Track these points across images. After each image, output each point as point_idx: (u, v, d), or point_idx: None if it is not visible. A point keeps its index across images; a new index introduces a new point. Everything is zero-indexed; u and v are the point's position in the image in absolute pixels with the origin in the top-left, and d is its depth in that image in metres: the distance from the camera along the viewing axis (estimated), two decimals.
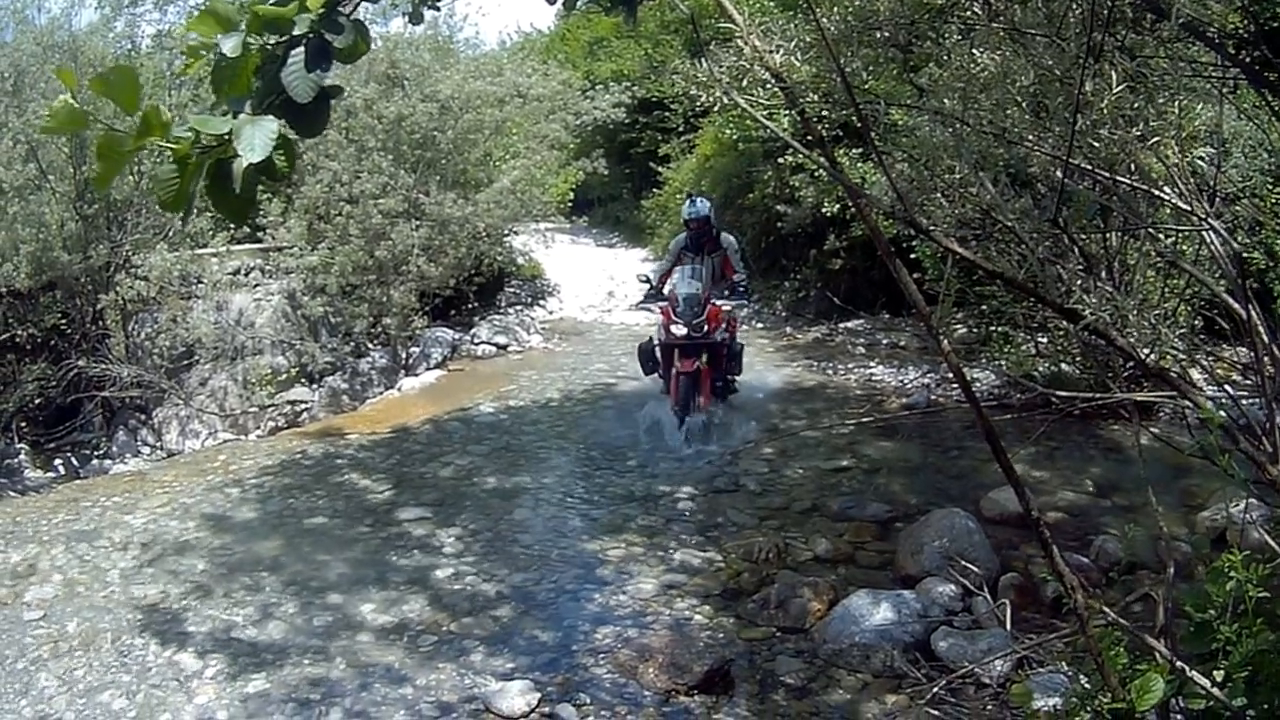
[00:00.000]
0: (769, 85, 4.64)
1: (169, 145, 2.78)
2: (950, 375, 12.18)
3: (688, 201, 12.73)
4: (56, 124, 2.83)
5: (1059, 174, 4.12)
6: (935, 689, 5.20)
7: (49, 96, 15.48)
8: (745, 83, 4.68)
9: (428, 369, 16.17)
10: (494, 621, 7.03)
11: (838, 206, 15.25)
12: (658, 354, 12.14)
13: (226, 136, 2.80)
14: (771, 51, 4.27)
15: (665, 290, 12.20)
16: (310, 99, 2.86)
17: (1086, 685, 3.70)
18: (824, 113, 5.04)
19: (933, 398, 12.32)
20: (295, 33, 2.89)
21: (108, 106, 2.92)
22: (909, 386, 13.11)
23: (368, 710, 5.97)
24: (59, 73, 3.02)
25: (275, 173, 2.86)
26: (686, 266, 12.19)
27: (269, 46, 2.91)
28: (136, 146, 2.79)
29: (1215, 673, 3.22)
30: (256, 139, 2.72)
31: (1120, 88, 3.74)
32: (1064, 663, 4.78)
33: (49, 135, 15.41)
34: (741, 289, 12.41)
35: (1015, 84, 4.33)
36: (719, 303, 11.89)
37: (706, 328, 11.52)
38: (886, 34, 5.20)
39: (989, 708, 5.54)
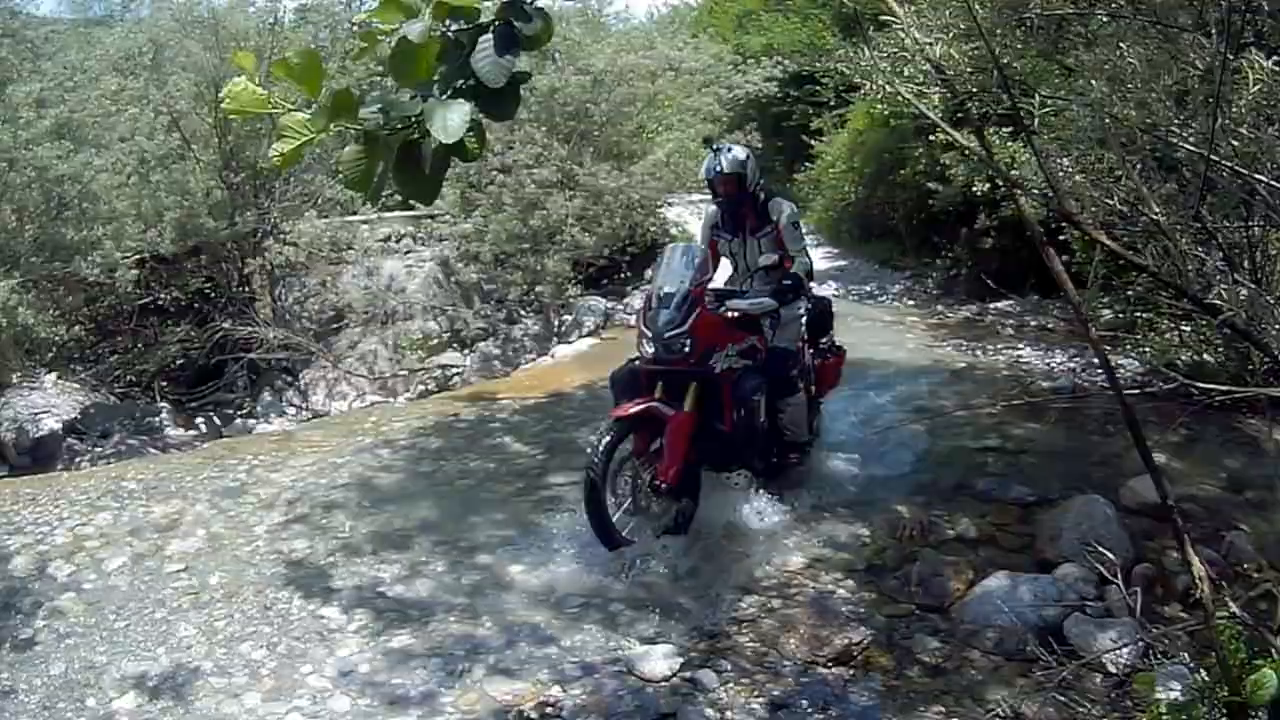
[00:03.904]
0: (920, 66, 4.72)
1: (358, 126, 2.90)
2: (1095, 360, 12.08)
3: (710, 153, 8.73)
4: (237, 105, 2.95)
5: (1202, 168, 4.15)
6: (1063, 674, 5.25)
7: (189, 70, 15.84)
8: (904, 70, 4.78)
9: (580, 336, 16.19)
10: (641, 586, 7.11)
11: (988, 185, 15.10)
12: (637, 380, 8.09)
13: (416, 119, 2.92)
14: (931, 43, 4.36)
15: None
16: (502, 84, 2.96)
17: (1206, 678, 3.75)
18: (972, 93, 5.09)
19: (1077, 382, 12.13)
20: (482, 20, 2.99)
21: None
22: (1056, 370, 12.93)
23: (511, 668, 6.09)
24: (237, 57, 3.09)
25: (467, 154, 2.97)
26: (679, 247, 8.70)
27: (451, 34, 3.00)
28: (324, 128, 2.92)
29: None
30: (451, 121, 2.82)
31: (1257, 85, 3.78)
32: (1186, 654, 4.82)
33: (192, 108, 15.85)
34: (789, 283, 8.53)
35: (1160, 80, 4.36)
36: (735, 305, 8.33)
37: (688, 345, 7.66)
38: (1036, 20, 5.24)
39: (1113, 695, 5.57)
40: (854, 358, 10.70)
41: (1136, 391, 8.69)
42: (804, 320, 8.90)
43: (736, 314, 8.28)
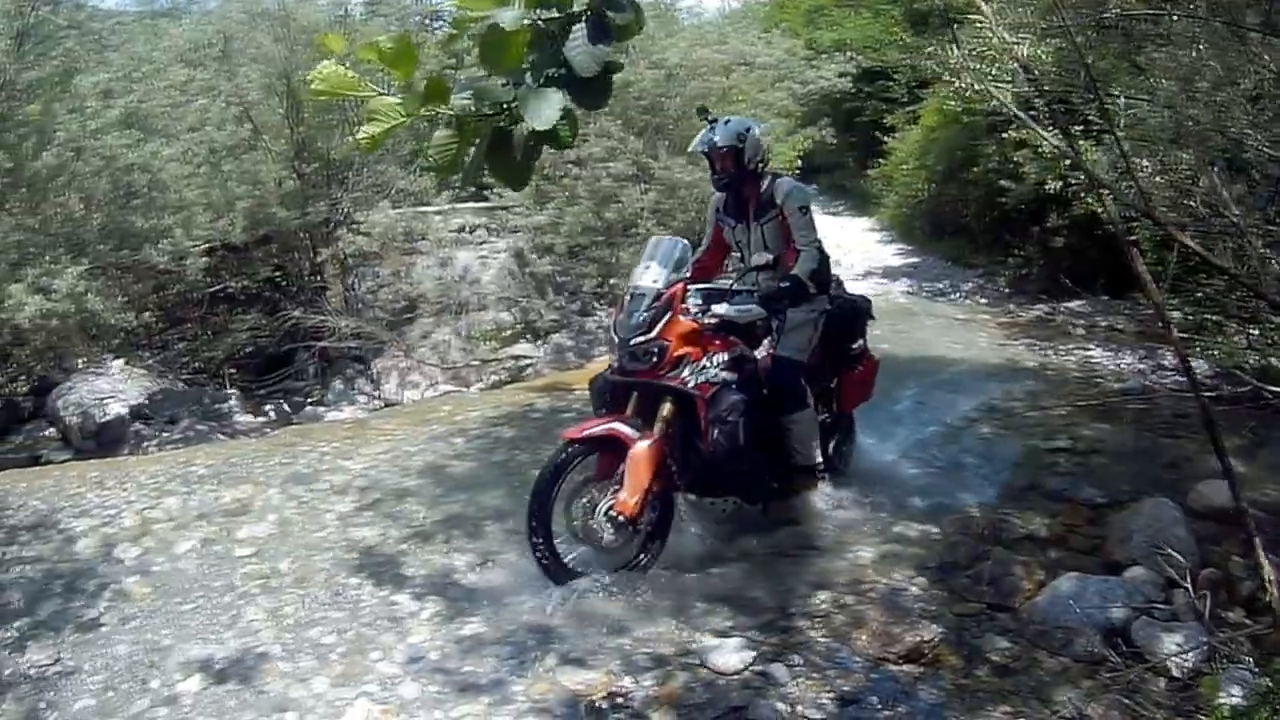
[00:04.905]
0: (1006, 65, 4.74)
1: (450, 112, 2.94)
2: (1164, 362, 12.05)
3: (705, 125, 7.87)
4: (325, 88, 3.00)
5: (1273, 171, 4.16)
6: (1129, 676, 5.24)
7: (259, 62, 15.95)
8: (991, 68, 4.79)
9: None
10: (715, 579, 7.10)
11: (1059, 184, 15.05)
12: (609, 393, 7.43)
13: (508, 105, 2.96)
14: (1018, 43, 4.37)
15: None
16: (594, 73, 2.99)
17: (1270, 684, 3.75)
18: (1056, 92, 5.11)
19: (1146, 383, 12.06)
20: (574, 9, 3.02)
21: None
22: (1125, 371, 12.89)
23: (583, 657, 6.10)
24: (325, 39, 3.15)
25: (559, 142, 3.01)
26: (661, 240, 7.65)
27: (541, 22, 3.03)
28: (416, 113, 2.96)
29: None
30: (544, 109, 2.87)
31: None
32: (1250, 659, 4.82)
33: (262, 99, 15.97)
34: (785, 286, 7.54)
35: (1235, 82, 4.36)
36: (719, 311, 7.49)
37: (656, 354, 6.98)
38: (1112, 19, 5.25)
39: (1177, 699, 5.56)
40: (926, 355, 10.69)
41: (1208, 394, 8.64)
42: (818, 324, 7.94)
43: (715, 320, 7.44)
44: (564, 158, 15.60)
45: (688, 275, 7.51)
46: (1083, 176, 12.00)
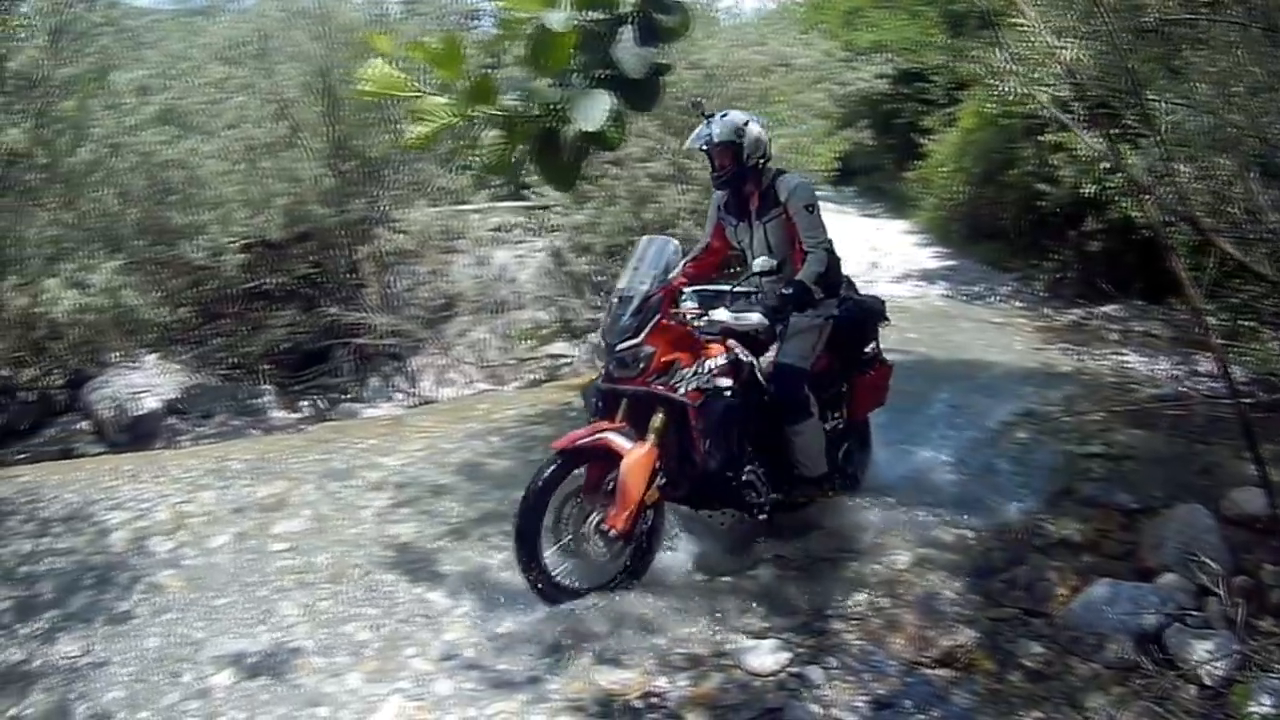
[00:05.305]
0: (1039, 64, 4.75)
1: (498, 112, 2.96)
2: (1199, 368, 12.00)
3: (702, 120, 7.48)
4: (374, 87, 3.02)
5: None
6: (1161, 684, 5.24)
7: (297, 60, 15.99)
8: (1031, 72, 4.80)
9: None
10: (752, 580, 7.10)
11: (1095, 187, 14.99)
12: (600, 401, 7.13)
13: (556, 107, 2.97)
14: (1064, 47, 4.38)
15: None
16: (643, 75, 2.99)
17: None
18: (1098, 95, 5.11)
19: (1181, 389, 12.00)
20: (621, 11, 3.03)
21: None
22: (1160, 376, 12.85)
23: (619, 656, 6.11)
24: (373, 38, 3.18)
25: (607, 143, 3.01)
26: (652, 239, 7.38)
27: (590, 24, 3.04)
28: (465, 113, 2.97)
29: None
30: (593, 110, 2.89)
31: None
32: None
33: (300, 96, 16.03)
34: (788, 294, 7.19)
35: (1275, 89, 4.36)
36: (716, 317, 7.22)
37: (643, 360, 6.73)
38: (1152, 23, 5.25)
39: (1208, 707, 5.54)
40: (962, 358, 10.64)
41: (1245, 401, 8.59)
42: (824, 330, 7.58)
43: (709, 323, 7.21)
44: (603, 158, 15.59)
45: (676, 277, 7.28)
46: (1119, 180, 11.97)
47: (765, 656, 6.07)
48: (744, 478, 7.14)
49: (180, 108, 15.04)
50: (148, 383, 13.24)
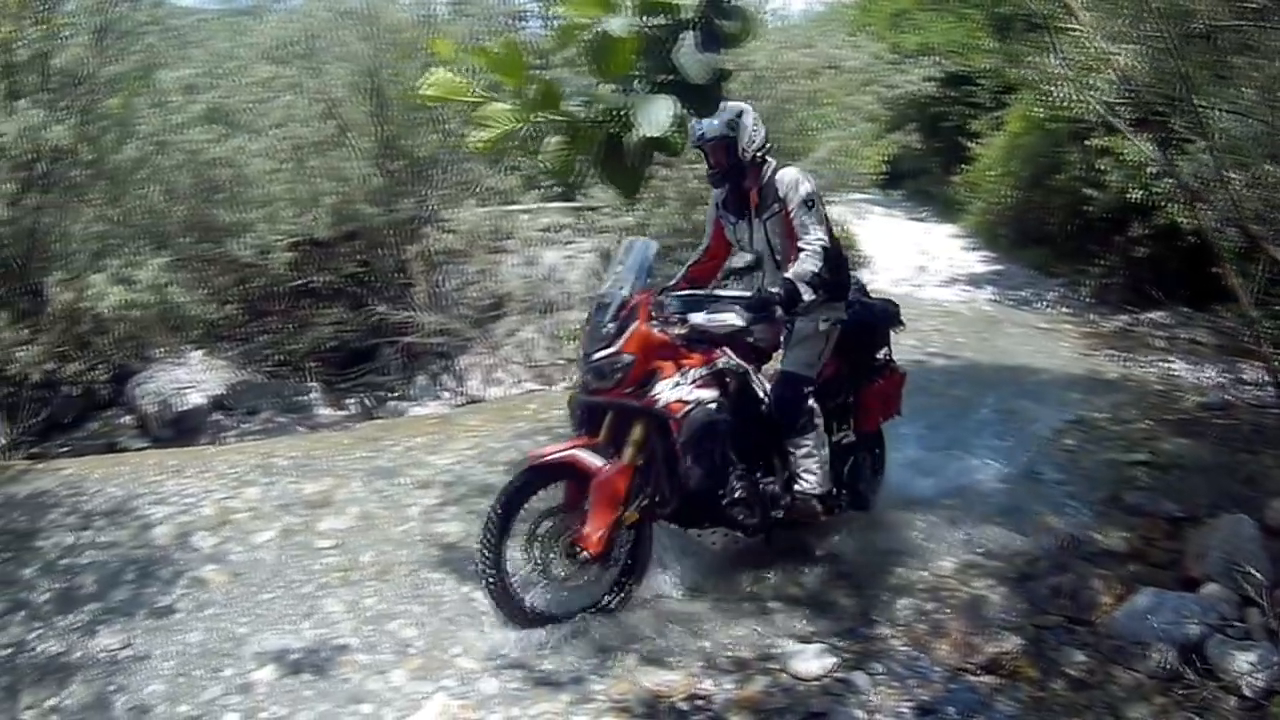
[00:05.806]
0: (1092, 69, 4.75)
1: (560, 118, 2.97)
2: (1244, 376, 11.94)
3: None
4: (438, 93, 3.03)
5: None
6: (1202, 694, 5.22)
7: (345, 60, 16.04)
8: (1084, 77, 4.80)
9: None
10: (798, 585, 7.09)
11: (1142, 192, 14.92)
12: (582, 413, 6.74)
13: (619, 112, 2.97)
14: (1117, 53, 4.38)
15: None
16: (705, 80, 3.00)
17: None
18: (1150, 100, 5.11)
19: (1227, 397, 11.94)
20: (682, 17, 3.03)
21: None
22: (1205, 384, 12.80)
23: (664, 659, 6.12)
24: (435, 43, 3.19)
25: (670, 148, 3.01)
26: (634, 242, 7.14)
27: (650, 29, 3.05)
28: (528, 118, 2.98)
29: None
30: (657, 115, 2.90)
31: None
32: None
33: (348, 96, 16.08)
34: (774, 292, 6.66)
35: None
36: (693, 319, 6.78)
37: (621, 370, 6.32)
38: (1202, 28, 5.24)
39: (1247, 719, 5.51)
40: (1009, 364, 10.57)
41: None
42: (830, 335, 7.18)
43: (688, 330, 6.73)
44: (654, 159, 15.55)
45: (679, 282, 7.26)
46: (1166, 185, 11.92)
47: (811, 661, 6.07)
48: (735, 494, 6.75)
49: (226, 106, 15.12)
50: (193, 379, 13.30)
